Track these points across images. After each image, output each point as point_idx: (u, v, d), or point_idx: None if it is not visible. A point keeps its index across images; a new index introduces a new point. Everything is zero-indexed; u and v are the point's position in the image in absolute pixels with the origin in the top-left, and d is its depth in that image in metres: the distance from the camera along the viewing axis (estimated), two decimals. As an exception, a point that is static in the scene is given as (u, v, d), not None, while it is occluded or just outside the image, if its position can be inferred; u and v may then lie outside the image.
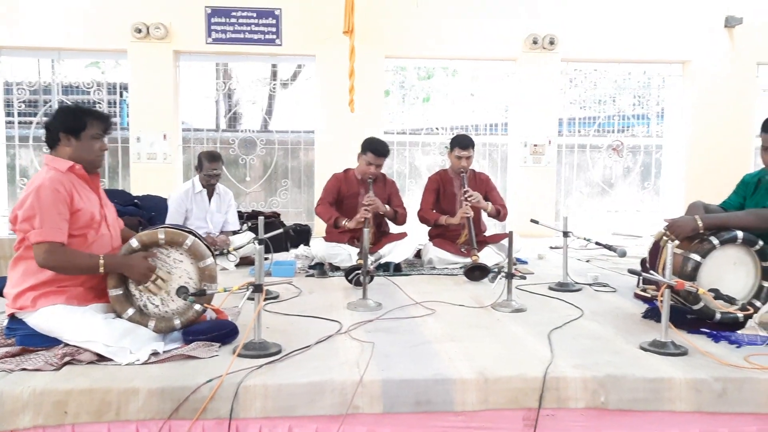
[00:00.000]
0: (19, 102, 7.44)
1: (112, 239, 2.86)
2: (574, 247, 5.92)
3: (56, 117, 2.77)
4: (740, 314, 2.98)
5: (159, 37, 7.10)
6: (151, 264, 2.70)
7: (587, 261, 5.40)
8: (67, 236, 2.61)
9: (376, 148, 4.84)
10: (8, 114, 7.50)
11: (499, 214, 5.01)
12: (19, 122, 7.52)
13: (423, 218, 5.13)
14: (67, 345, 2.56)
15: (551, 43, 7.47)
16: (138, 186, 7.03)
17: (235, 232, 5.26)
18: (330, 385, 2.29)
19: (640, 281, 3.92)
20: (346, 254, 4.70)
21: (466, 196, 4.80)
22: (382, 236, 4.98)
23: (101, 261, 2.62)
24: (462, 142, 5.02)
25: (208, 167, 4.99)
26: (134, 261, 2.69)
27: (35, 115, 7.53)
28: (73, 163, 2.73)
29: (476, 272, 4.40)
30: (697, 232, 3.07)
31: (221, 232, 5.14)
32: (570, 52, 7.63)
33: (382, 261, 4.71)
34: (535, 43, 7.47)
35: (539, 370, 2.41)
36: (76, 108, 2.83)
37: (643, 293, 3.78)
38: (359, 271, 3.75)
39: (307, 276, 4.58)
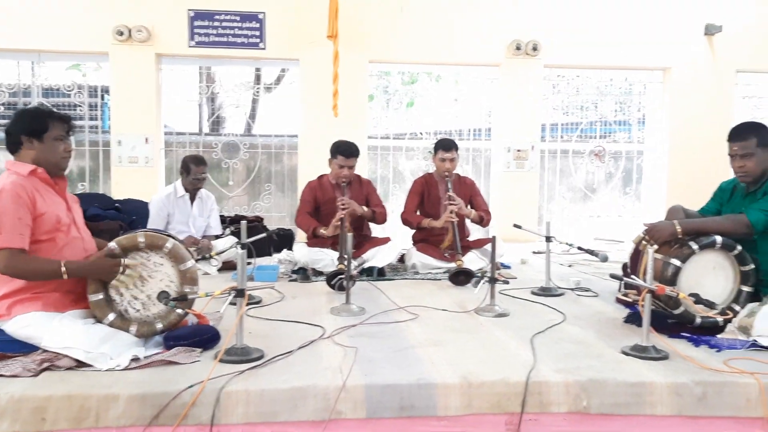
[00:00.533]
0: (-2, 104, 7.35)
1: (84, 242, 2.82)
2: (557, 251, 5.96)
3: (17, 120, 2.71)
4: (720, 318, 3.02)
5: (141, 39, 7.05)
6: (115, 261, 2.65)
7: (570, 266, 5.44)
8: (28, 242, 2.55)
9: (344, 150, 4.83)
10: (-14, 116, 7.41)
11: (482, 221, 5.02)
12: (-2, 125, 7.42)
13: (406, 221, 5.13)
14: (45, 351, 2.51)
15: (534, 49, 7.53)
16: (119, 190, 6.96)
17: (217, 237, 5.23)
18: (313, 391, 2.28)
19: (622, 286, 3.97)
20: (329, 259, 4.68)
21: (449, 201, 4.81)
22: (364, 240, 4.97)
23: (63, 266, 2.55)
24: (445, 145, 5.04)
25: (196, 171, 4.96)
26: (98, 263, 2.64)
27: (15, 117, 7.41)
28: (35, 167, 2.67)
29: (461, 277, 4.41)
30: (675, 237, 3.11)
31: (203, 237, 5.10)
32: (553, 58, 7.69)
33: (366, 265, 4.70)
34: (518, 49, 7.52)
35: (522, 375, 2.41)
36: (37, 110, 2.78)
37: (624, 298, 3.83)
38: (342, 276, 3.74)
39: (290, 281, 4.56)
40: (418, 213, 5.17)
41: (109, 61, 7.15)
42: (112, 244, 2.69)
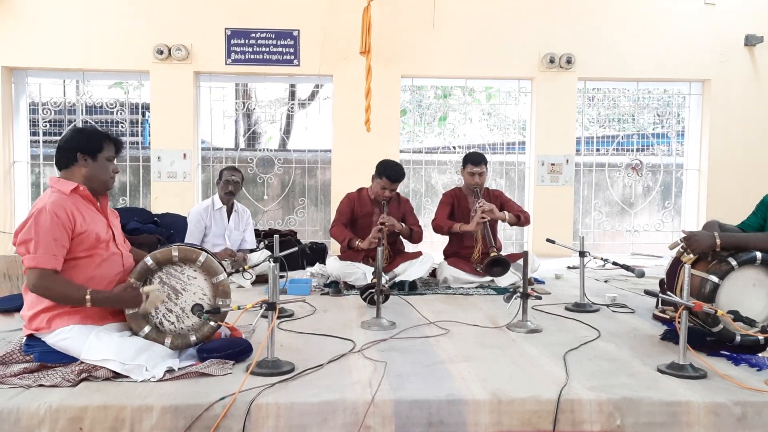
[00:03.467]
0: (44, 122, 7.61)
1: (123, 257, 2.88)
2: (592, 267, 5.87)
3: (74, 137, 2.79)
4: (761, 336, 2.93)
5: (180, 58, 7.24)
6: (138, 292, 2.70)
7: (605, 281, 5.35)
8: (61, 264, 2.60)
9: (391, 174, 4.82)
10: (33, 133, 7.66)
11: (520, 219, 4.96)
12: (44, 141, 7.69)
13: (437, 226, 5.08)
14: (83, 362, 2.58)
15: (568, 62, 7.47)
16: (158, 204, 7.12)
17: (252, 250, 5.29)
18: (342, 405, 2.29)
19: (659, 302, 3.88)
20: (360, 273, 4.70)
21: (479, 204, 4.79)
22: (396, 255, 4.98)
23: (88, 296, 2.59)
24: (474, 159, 5.03)
25: (228, 174, 5.06)
26: (121, 295, 2.68)
27: (60, 134, 7.68)
28: (77, 185, 2.74)
29: (496, 268, 4.39)
30: (713, 249, 3.03)
31: (238, 250, 5.17)
32: (587, 70, 7.62)
33: (397, 280, 4.70)
34: (551, 62, 7.48)
35: (553, 392, 2.38)
36: (94, 130, 2.88)
37: (661, 315, 3.74)
38: (374, 290, 3.75)
39: (322, 294, 4.59)
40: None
41: (149, 79, 7.36)
42: (148, 258, 2.76)
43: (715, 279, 2.92)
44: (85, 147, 2.77)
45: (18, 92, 7.47)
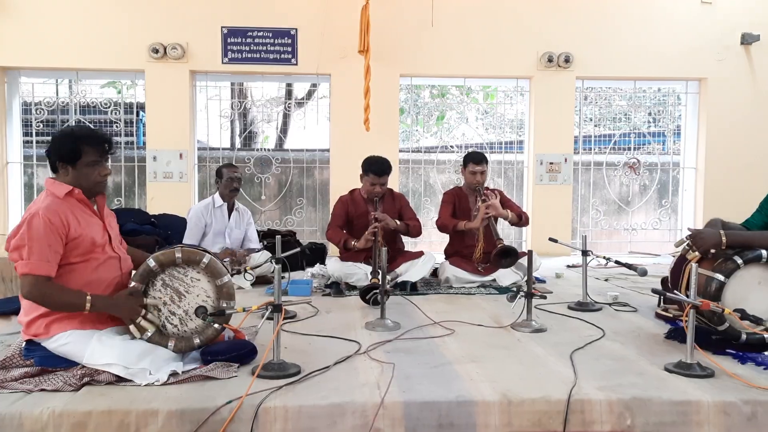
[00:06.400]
0: (38, 122, 7.54)
1: (121, 262, 2.81)
2: (592, 265, 5.85)
3: (53, 145, 2.67)
4: (767, 335, 2.92)
5: (176, 57, 7.18)
6: (139, 301, 2.66)
7: (606, 280, 5.34)
8: (55, 270, 2.52)
9: (377, 169, 4.81)
10: (26, 134, 7.59)
11: (521, 219, 4.98)
12: (37, 142, 7.60)
13: (442, 225, 5.07)
14: (85, 366, 2.54)
15: (566, 60, 7.46)
16: (154, 205, 7.06)
17: (257, 250, 5.25)
18: (351, 407, 2.26)
19: (661, 301, 3.88)
20: (362, 273, 4.68)
21: (483, 197, 4.79)
22: (397, 254, 4.95)
23: (88, 300, 2.52)
24: (475, 158, 5.04)
25: (228, 172, 5.05)
26: (121, 302, 2.63)
27: (52, 134, 7.61)
28: (72, 188, 2.64)
29: (505, 259, 4.41)
30: (719, 248, 3.02)
31: (244, 250, 5.15)
32: (585, 69, 7.61)
33: (399, 280, 4.68)
34: (550, 61, 7.47)
35: (563, 392, 2.37)
36: (71, 135, 2.67)
37: (664, 313, 3.74)
38: (377, 291, 3.72)
39: (324, 295, 4.56)
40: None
41: (144, 79, 7.30)
42: (150, 261, 2.72)
43: (721, 277, 2.91)
44: (62, 155, 2.65)
45: (11, 92, 7.39)
